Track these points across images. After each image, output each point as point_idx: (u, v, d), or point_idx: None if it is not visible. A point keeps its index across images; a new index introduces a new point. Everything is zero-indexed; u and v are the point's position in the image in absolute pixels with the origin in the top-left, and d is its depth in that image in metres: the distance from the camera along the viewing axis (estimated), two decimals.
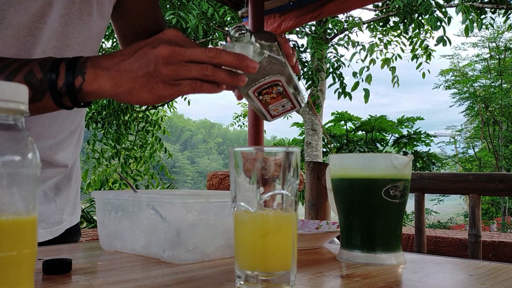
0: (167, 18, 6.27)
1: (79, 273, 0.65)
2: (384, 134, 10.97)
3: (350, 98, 7.75)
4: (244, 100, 0.83)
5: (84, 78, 0.67)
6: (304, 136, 9.03)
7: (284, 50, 0.78)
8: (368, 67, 7.90)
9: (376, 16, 8.07)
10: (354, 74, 7.81)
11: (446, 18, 6.53)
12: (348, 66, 8.11)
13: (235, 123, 12.85)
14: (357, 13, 11.03)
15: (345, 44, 8.37)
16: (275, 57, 0.75)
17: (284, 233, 0.58)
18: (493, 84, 14.72)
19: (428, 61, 7.86)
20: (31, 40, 0.85)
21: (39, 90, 0.68)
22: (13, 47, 0.83)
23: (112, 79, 0.67)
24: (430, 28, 7.26)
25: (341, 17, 8.32)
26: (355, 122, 10.95)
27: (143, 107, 8.21)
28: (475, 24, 6.25)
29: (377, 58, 8.19)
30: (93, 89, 0.67)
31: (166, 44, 0.66)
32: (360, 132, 11.11)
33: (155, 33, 1.06)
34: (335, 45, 8.37)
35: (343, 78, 7.85)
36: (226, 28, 7.32)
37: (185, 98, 9.54)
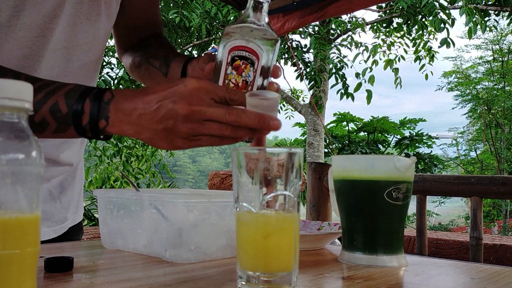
0: (170, 17, 6.28)
1: (80, 271, 0.66)
2: (386, 135, 10.96)
3: (353, 99, 7.74)
4: None
5: (108, 122, 0.68)
6: (306, 136, 9.03)
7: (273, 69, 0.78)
8: (371, 68, 7.90)
9: (379, 17, 8.06)
10: (357, 75, 7.81)
11: (450, 20, 6.52)
12: (351, 67, 8.10)
13: None
14: (360, 14, 11.03)
15: (348, 45, 8.36)
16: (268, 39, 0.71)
17: (286, 234, 0.58)
18: (496, 86, 14.69)
19: (431, 62, 7.85)
20: (42, 40, 0.86)
21: (64, 123, 0.69)
22: (25, 48, 0.84)
23: (134, 127, 0.68)
24: (433, 30, 7.25)
25: (345, 17, 8.31)
26: (357, 123, 10.94)
27: None
28: (478, 26, 6.24)
29: (380, 59, 8.19)
30: (116, 131, 0.69)
31: (186, 103, 0.65)
32: (362, 133, 11.10)
33: (150, 30, 1.08)
34: (338, 46, 8.36)
35: (346, 79, 7.85)
36: None
37: None
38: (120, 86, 7.22)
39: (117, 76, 7.11)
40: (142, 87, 0.71)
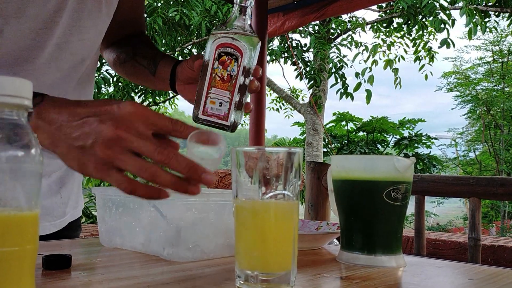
0: (170, 15, 6.27)
1: (78, 269, 0.65)
2: (385, 135, 10.96)
3: (352, 98, 7.74)
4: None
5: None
6: (305, 135, 9.03)
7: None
8: (370, 68, 7.90)
9: (379, 17, 8.06)
10: (357, 74, 7.81)
11: (450, 20, 6.52)
12: (351, 67, 8.10)
13: None
14: (360, 13, 11.01)
15: (348, 45, 8.36)
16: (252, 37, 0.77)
17: (284, 234, 0.58)
18: (495, 87, 14.69)
19: (431, 63, 7.85)
20: (46, 33, 0.86)
21: None
22: (28, 39, 0.84)
23: (50, 137, 0.61)
24: (433, 30, 7.25)
25: (345, 17, 8.31)
26: (356, 123, 10.94)
27: (145, 103, 8.20)
28: (478, 27, 6.24)
29: (380, 59, 8.19)
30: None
31: (114, 125, 0.57)
32: (361, 133, 11.10)
33: (136, 29, 1.10)
34: (338, 45, 8.36)
35: (345, 79, 7.85)
36: None
37: None
38: (119, 84, 7.21)
39: (116, 74, 7.11)
40: (78, 100, 0.64)
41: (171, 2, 6.63)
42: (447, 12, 6.53)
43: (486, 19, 6.59)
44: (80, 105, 0.61)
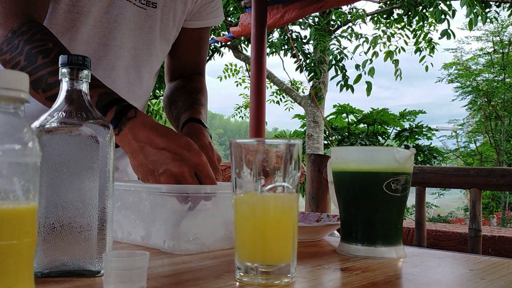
0: None
1: None
2: (385, 127, 10.95)
3: (352, 90, 7.73)
4: (246, 91, 0.85)
5: (119, 133, 0.81)
6: (305, 128, 9.02)
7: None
8: (371, 60, 7.87)
9: (380, 8, 8.02)
10: (357, 66, 7.79)
11: (451, 11, 6.49)
12: (351, 59, 8.08)
13: (236, 114, 12.84)
14: (360, 5, 10.97)
15: (348, 36, 8.33)
16: None
17: (284, 226, 0.58)
18: (496, 78, 14.65)
19: (431, 54, 7.83)
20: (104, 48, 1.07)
21: None
22: (102, 36, 1.04)
23: (132, 150, 0.82)
24: (434, 21, 7.22)
25: (345, 8, 8.27)
26: (357, 115, 10.92)
27: None
28: (479, 18, 6.21)
29: (380, 50, 8.16)
30: (118, 142, 0.82)
31: (181, 166, 0.79)
32: (361, 125, 11.09)
33: (192, 69, 1.26)
34: (338, 37, 8.33)
35: (346, 71, 7.83)
36: (229, 18, 7.28)
37: None
38: None
39: None
40: (165, 127, 0.83)
41: None
42: (448, 2, 6.50)
43: (487, 10, 6.56)
44: (164, 135, 0.81)
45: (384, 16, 7.95)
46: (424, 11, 6.95)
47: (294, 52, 7.77)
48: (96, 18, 1.03)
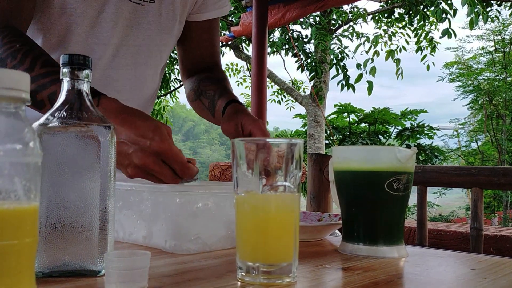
0: None
1: None
2: (387, 126, 10.94)
3: (354, 90, 7.72)
4: (247, 91, 0.85)
5: (99, 102, 0.79)
6: (306, 127, 9.02)
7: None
8: (372, 59, 7.87)
9: (381, 7, 8.02)
10: (358, 66, 7.78)
11: (452, 10, 6.48)
12: (352, 58, 8.08)
13: None
14: (362, 4, 10.96)
15: (350, 36, 8.33)
16: None
17: (285, 225, 0.58)
18: (497, 77, 14.64)
19: (432, 53, 7.82)
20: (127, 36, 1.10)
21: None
22: (116, 38, 1.07)
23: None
24: (435, 20, 7.21)
25: (346, 8, 8.27)
26: (358, 114, 10.92)
27: None
28: (480, 17, 6.20)
29: (382, 50, 8.15)
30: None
31: (142, 158, 0.76)
32: (363, 124, 11.08)
33: (208, 62, 1.26)
34: (339, 36, 8.33)
35: (347, 70, 7.82)
36: (230, 18, 7.28)
37: None
38: None
39: None
40: (126, 110, 0.80)
41: None
42: (449, 1, 6.49)
43: (488, 9, 6.55)
44: (124, 122, 0.77)
45: (385, 15, 7.94)
46: (425, 10, 6.95)
47: (295, 51, 7.77)
48: (91, 19, 1.03)
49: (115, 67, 1.09)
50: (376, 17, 8.22)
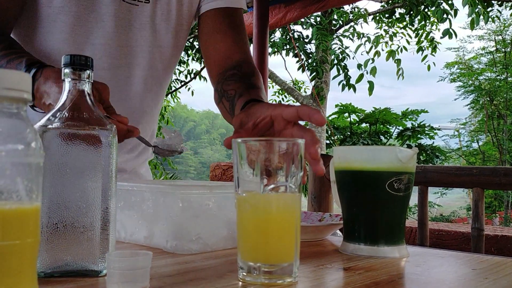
0: None
1: None
2: (388, 126, 10.94)
3: (354, 90, 7.72)
4: None
5: (41, 74, 0.83)
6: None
7: None
8: (373, 59, 7.87)
9: (382, 8, 8.02)
10: (359, 66, 7.78)
11: (452, 10, 6.48)
12: (353, 58, 8.08)
13: None
14: (362, 4, 10.96)
15: (350, 36, 8.33)
16: None
17: (287, 225, 0.58)
18: (498, 77, 14.62)
19: (433, 53, 7.82)
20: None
21: None
22: (123, 40, 1.08)
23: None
24: (436, 20, 7.20)
25: (347, 8, 8.26)
26: (359, 114, 10.91)
27: None
28: (481, 17, 6.20)
29: (382, 50, 8.15)
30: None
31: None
32: (364, 125, 11.08)
33: (236, 56, 1.16)
34: (340, 37, 8.32)
35: (348, 70, 7.83)
36: None
37: (189, 89, 9.53)
38: None
39: None
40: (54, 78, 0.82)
41: None
42: (450, 2, 6.49)
43: (489, 9, 6.54)
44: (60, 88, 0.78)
45: (386, 15, 7.94)
46: (426, 10, 6.94)
47: (296, 51, 7.77)
48: (80, 17, 1.02)
49: (106, 68, 1.07)
50: (377, 17, 8.22)
